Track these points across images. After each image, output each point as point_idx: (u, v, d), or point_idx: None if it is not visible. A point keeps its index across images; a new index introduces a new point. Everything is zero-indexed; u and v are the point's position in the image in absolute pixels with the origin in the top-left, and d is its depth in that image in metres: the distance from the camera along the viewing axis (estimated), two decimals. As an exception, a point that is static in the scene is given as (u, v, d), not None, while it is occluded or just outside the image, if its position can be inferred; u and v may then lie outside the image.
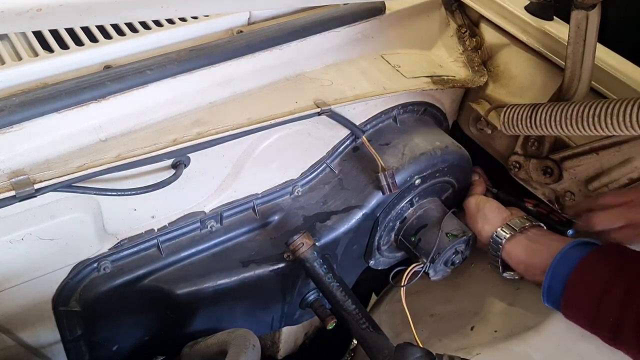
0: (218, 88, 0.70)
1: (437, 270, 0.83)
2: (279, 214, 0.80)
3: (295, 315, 0.88)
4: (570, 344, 0.73)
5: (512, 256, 0.78)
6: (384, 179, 0.77)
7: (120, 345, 0.76)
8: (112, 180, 0.63)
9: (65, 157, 0.58)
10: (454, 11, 0.95)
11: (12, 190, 0.53)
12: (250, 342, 0.60)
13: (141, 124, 0.64)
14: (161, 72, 0.64)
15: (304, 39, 0.77)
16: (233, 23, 0.78)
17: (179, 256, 0.73)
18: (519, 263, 0.77)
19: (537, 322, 0.77)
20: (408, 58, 0.88)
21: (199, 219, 0.74)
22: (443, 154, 0.83)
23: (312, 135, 0.79)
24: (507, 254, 0.79)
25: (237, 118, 0.67)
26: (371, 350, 0.66)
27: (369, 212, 0.80)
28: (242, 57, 0.71)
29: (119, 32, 0.69)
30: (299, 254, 0.71)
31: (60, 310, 0.67)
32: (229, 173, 0.74)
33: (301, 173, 0.82)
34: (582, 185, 0.80)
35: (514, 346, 0.76)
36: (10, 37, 0.65)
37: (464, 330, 0.85)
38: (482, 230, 0.82)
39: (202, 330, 0.77)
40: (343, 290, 0.72)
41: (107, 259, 0.68)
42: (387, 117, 0.86)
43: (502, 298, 0.86)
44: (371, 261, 0.90)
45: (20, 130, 0.56)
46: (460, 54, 0.93)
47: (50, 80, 0.63)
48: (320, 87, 0.75)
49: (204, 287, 0.73)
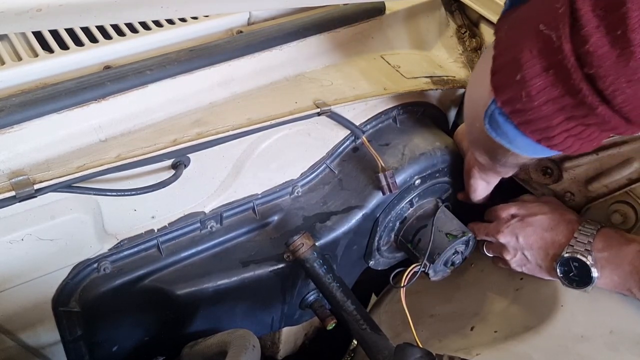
0: (218, 88, 0.70)
1: (436, 271, 0.83)
2: (279, 214, 0.80)
3: (295, 315, 0.87)
4: (570, 344, 0.73)
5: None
6: (384, 179, 0.77)
7: (120, 345, 0.76)
8: (112, 180, 0.63)
9: (65, 157, 0.58)
10: (453, 11, 0.95)
11: (12, 191, 0.52)
12: (250, 343, 0.60)
13: (141, 124, 0.64)
14: (161, 72, 0.64)
15: (303, 39, 0.77)
16: (233, 23, 0.78)
17: (179, 256, 0.73)
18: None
19: (537, 322, 0.77)
20: (408, 58, 0.89)
21: (199, 219, 0.74)
22: (443, 154, 0.83)
23: (312, 135, 0.79)
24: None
25: (237, 118, 0.67)
26: (371, 351, 0.66)
27: (369, 213, 0.80)
28: (242, 58, 0.71)
29: (119, 33, 0.69)
30: (298, 255, 0.71)
31: (60, 311, 0.67)
32: (229, 173, 0.74)
33: (301, 173, 0.82)
34: (582, 186, 0.80)
35: (514, 346, 0.76)
36: (10, 37, 0.65)
37: (464, 331, 0.85)
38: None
39: (202, 331, 0.77)
40: (343, 290, 0.72)
41: (107, 259, 0.68)
42: (387, 118, 0.86)
43: (502, 298, 0.86)
44: (371, 261, 0.90)
45: (20, 131, 0.56)
46: (460, 54, 0.93)
47: (50, 80, 0.62)
48: (320, 87, 0.75)
49: (204, 288, 0.73)
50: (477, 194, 0.84)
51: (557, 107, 0.43)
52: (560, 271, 0.73)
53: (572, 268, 0.72)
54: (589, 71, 0.39)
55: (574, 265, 0.72)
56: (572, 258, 0.72)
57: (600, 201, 0.79)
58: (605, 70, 0.38)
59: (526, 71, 0.43)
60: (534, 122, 0.46)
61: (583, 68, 0.39)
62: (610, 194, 0.77)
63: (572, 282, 0.73)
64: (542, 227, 0.77)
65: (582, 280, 0.71)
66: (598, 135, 0.47)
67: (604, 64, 0.38)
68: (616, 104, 0.40)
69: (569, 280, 0.73)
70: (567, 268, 0.72)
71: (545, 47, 0.41)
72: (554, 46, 0.40)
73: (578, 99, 0.41)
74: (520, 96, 0.44)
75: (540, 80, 0.43)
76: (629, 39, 0.36)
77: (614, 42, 0.37)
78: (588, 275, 0.70)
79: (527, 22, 0.43)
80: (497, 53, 0.47)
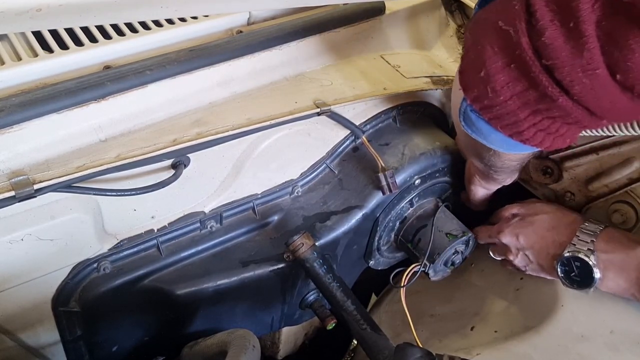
0: (218, 88, 0.70)
1: (437, 271, 0.83)
2: (279, 214, 0.80)
3: (295, 315, 0.87)
4: (571, 344, 0.73)
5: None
6: (384, 179, 0.77)
7: (120, 345, 0.75)
8: (112, 180, 0.63)
9: (65, 157, 0.58)
10: (453, 11, 0.95)
11: (12, 191, 0.52)
12: (250, 343, 0.60)
13: (141, 124, 0.64)
14: (161, 72, 0.64)
15: (303, 39, 0.77)
16: (233, 23, 0.78)
17: (179, 256, 0.73)
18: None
19: (537, 322, 0.77)
20: (408, 58, 0.88)
21: (199, 219, 0.74)
22: (443, 154, 0.83)
23: (312, 135, 0.79)
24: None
25: (237, 118, 0.67)
26: (371, 351, 0.66)
27: (369, 212, 0.80)
28: (241, 57, 0.71)
29: (118, 33, 0.69)
30: (298, 254, 0.71)
31: (60, 311, 0.67)
32: (229, 173, 0.74)
33: (301, 173, 0.82)
34: (582, 186, 0.80)
35: (514, 346, 0.76)
36: (10, 37, 0.65)
37: (464, 331, 0.85)
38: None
39: (202, 331, 0.77)
40: (343, 290, 0.72)
41: (106, 259, 0.68)
42: (387, 117, 0.86)
43: (502, 298, 0.86)
44: (371, 261, 0.90)
45: (20, 131, 0.56)
46: (460, 54, 0.93)
47: (50, 80, 0.62)
48: (320, 87, 0.75)
49: (204, 288, 0.73)
50: (477, 200, 0.84)
51: (522, 102, 0.45)
52: (561, 271, 0.72)
53: (574, 268, 0.71)
54: (547, 62, 0.40)
55: (575, 265, 0.70)
56: (573, 257, 0.70)
57: (601, 201, 0.79)
58: (561, 61, 0.40)
59: (489, 67, 0.44)
60: (503, 117, 0.48)
61: (541, 60, 0.41)
62: (611, 193, 0.77)
63: (574, 282, 0.71)
64: (543, 226, 0.77)
65: (584, 281, 0.70)
66: (567, 130, 0.48)
67: (560, 54, 0.39)
68: (574, 93, 0.41)
69: (570, 280, 0.72)
70: (569, 268, 0.71)
71: (505, 43, 0.43)
72: (512, 41, 0.42)
73: (539, 91, 0.43)
74: (487, 92, 0.46)
75: (503, 76, 0.44)
76: (581, 31, 0.38)
77: (567, 34, 0.39)
78: (590, 275, 0.69)
79: (488, 20, 0.45)
80: (463, 53, 0.49)
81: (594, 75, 0.39)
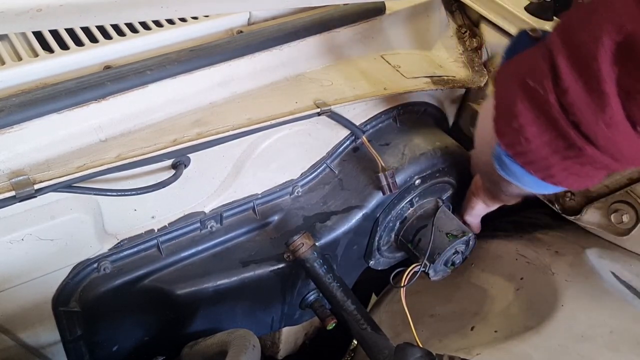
0: (218, 88, 0.70)
1: (437, 271, 0.83)
2: (279, 214, 0.80)
3: (295, 315, 0.87)
4: (571, 344, 0.73)
5: None
6: (384, 179, 0.77)
7: (121, 345, 0.76)
8: (112, 180, 0.63)
9: (65, 157, 0.58)
10: (454, 11, 0.95)
11: (12, 191, 0.53)
12: (250, 343, 0.60)
13: (141, 124, 0.64)
14: (161, 72, 0.64)
15: (304, 39, 0.77)
16: (233, 23, 0.78)
17: (179, 256, 0.73)
18: None
19: (537, 322, 0.77)
20: (408, 58, 0.89)
21: (199, 219, 0.74)
22: (443, 154, 0.83)
23: (312, 135, 0.79)
24: None
25: (237, 118, 0.67)
26: (371, 351, 0.66)
27: (369, 213, 0.80)
28: (242, 58, 0.71)
29: (119, 33, 0.69)
30: (299, 254, 0.71)
31: (60, 311, 0.67)
32: (229, 173, 0.74)
33: (301, 173, 0.82)
34: (582, 186, 0.80)
35: (514, 346, 0.76)
36: (10, 37, 0.65)
37: (464, 331, 0.85)
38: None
39: (202, 331, 0.77)
40: (343, 290, 0.72)
41: (107, 259, 0.68)
42: (387, 118, 0.86)
43: (502, 298, 0.86)
44: (371, 261, 0.90)
45: (20, 131, 0.56)
46: (460, 54, 0.93)
47: (50, 80, 0.62)
48: (320, 87, 0.75)
49: (204, 287, 0.73)
50: (473, 213, 0.85)
51: (552, 149, 0.49)
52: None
53: None
54: (573, 118, 0.45)
55: None
56: None
57: (601, 201, 0.79)
58: (586, 118, 0.44)
59: (521, 120, 0.49)
60: (535, 162, 0.52)
61: (568, 116, 0.45)
62: (611, 193, 0.77)
63: None
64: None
65: None
66: (595, 172, 0.51)
67: (584, 112, 0.44)
68: (600, 145, 0.45)
69: None
70: None
71: (534, 99, 0.47)
72: (541, 98, 0.46)
73: (568, 142, 0.47)
74: (519, 140, 0.50)
75: (534, 127, 0.48)
76: (602, 90, 0.42)
77: (590, 93, 0.43)
78: None
79: (517, 76, 0.49)
80: (496, 103, 0.53)
81: (617, 129, 0.43)
